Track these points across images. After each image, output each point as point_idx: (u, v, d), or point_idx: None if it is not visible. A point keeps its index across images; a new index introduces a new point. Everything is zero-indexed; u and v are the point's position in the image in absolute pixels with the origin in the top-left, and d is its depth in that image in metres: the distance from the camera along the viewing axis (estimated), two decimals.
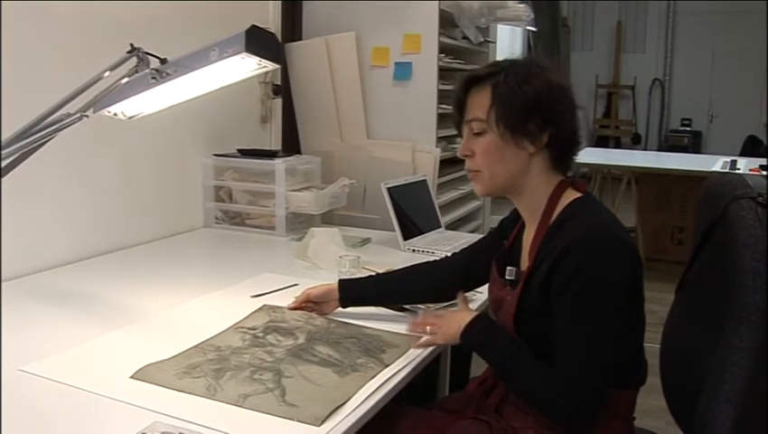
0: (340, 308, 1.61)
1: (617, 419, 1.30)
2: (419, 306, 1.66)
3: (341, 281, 1.63)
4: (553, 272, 1.23)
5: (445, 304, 1.68)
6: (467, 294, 1.70)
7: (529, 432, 1.29)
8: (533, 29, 6.19)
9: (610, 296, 1.20)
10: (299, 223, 2.51)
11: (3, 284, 1.76)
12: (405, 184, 2.45)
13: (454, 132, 3.03)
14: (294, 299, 1.64)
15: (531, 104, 1.28)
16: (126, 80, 1.37)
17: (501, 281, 1.39)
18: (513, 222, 1.48)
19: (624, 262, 1.22)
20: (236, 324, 1.53)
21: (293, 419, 1.11)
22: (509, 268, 1.37)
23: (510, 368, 1.27)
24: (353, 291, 1.61)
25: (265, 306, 1.65)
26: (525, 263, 1.35)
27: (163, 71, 1.35)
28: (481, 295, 1.73)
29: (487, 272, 1.51)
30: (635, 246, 1.26)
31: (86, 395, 1.18)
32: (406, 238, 2.31)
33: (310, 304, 1.61)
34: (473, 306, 1.70)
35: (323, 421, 1.10)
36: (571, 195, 1.33)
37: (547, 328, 1.24)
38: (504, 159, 1.31)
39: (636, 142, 9.49)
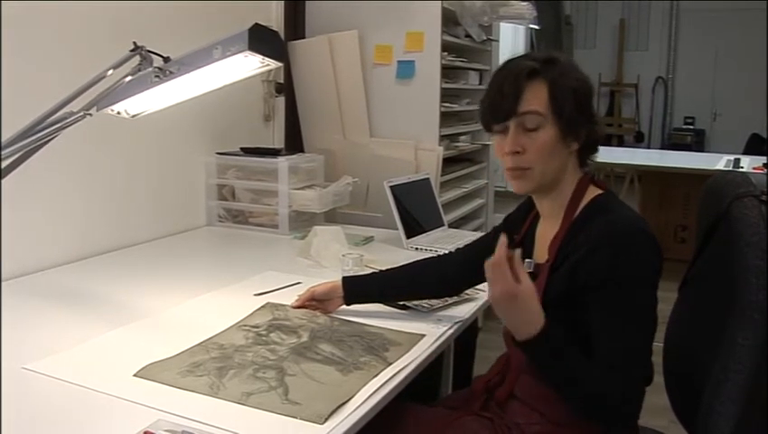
0: (344, 306, 1.62)
1: None
2: (423, 303, 1.66)
3: (344, 279, 1.63)
4: (582, 267, 1.23)
5: (450, 301, 1.68)
6: (469, 291, 1.70)
7: (535, 428, 1.29)
8: (536, 27, 6.18)
9: (646, 289, 1.21)
10: (302, 221, 2.51)
11: (5, 282, 1.77)
12: (408, 183, 2.44)
13: (457, 130, 3.09)
14: (297, 297, 1.64)
15: (583, 102, 1.29)
16: (129, 78, 1.37)
17: None
18: (523, 216, 1.48)
19: (654, 257, 1.23)
20: (239, 322, 1.53)
21: (296, 418, 1.11)
22: (527, 260, 1.36)
23: (564, 375, 1.21)
24: (357, 288, 1.62)
25: (268, 304, 1.65)
26: (542, 256, 1.34)
27: (167, 70, 1.35)
28: (483, 292, 1.73)
29: None
30: (659, 242, 1.25)
31: (89, 393, 1.19)
32: (408, 236, 2.31)
33: (314, 302, 1.61)
34: (476, 305, 1.70)
35: (325, 419, 1.10)
36: (593, 191, 1.34)
37: (568, 320, 1.24)
38: (554, 156, 1.29)
39: (639, 140, 9.48)
